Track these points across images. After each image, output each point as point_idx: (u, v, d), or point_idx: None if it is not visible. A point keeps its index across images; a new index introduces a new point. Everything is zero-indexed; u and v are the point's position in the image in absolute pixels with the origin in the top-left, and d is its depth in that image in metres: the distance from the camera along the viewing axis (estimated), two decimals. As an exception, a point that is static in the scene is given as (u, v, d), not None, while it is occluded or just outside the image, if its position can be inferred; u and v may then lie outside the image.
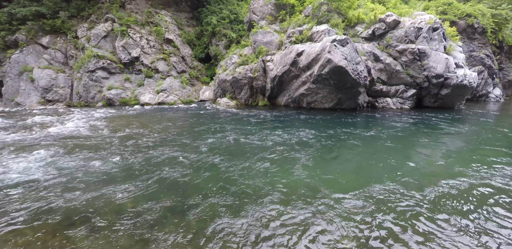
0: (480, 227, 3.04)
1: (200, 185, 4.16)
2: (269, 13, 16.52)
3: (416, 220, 3.16)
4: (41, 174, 4.63)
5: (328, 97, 12.28)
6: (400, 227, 3.03)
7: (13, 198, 3.77)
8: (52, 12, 16.44)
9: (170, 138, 7.12)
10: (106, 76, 16.02)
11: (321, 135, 7.30)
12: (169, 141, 6.85)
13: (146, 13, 18.32)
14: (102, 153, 5.78)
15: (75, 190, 4.02)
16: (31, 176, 4.54)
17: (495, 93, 19.78)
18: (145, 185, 4.18)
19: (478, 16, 18.01)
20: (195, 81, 18.97)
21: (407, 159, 5.36)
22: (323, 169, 4.80)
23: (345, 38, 11.24)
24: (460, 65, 12.87)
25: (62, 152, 5.85)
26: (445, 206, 3.48)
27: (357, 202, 3.57)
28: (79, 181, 4.32)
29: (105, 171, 4.77)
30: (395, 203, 3.55)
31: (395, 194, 3.80)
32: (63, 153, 5.78)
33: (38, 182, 4.28)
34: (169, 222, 3.15)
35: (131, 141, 6.85)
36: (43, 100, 15.09)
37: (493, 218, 3.20)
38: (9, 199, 3.74)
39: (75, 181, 4.34)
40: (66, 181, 4.32)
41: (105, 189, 4.02)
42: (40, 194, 3.88)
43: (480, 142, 6.80)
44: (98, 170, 4.80)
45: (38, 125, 9.15)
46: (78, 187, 4.10)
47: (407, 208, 3.43)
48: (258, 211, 3.36)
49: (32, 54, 15.91)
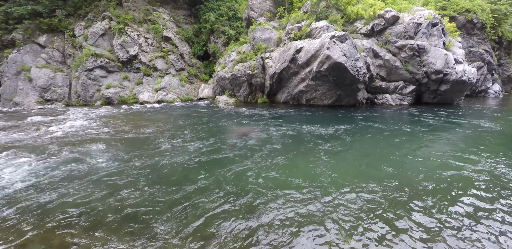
0: (494, 227, 3.05)
1: (203, 183, 4.16)
2: (267, 9, 16.41)
3: (418, 214, 3.18)
4: (41, 173, 4.62)
5: (327, 94, 12.25)
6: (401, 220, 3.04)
7: (11, 198, 3.76)
8: (48, 10, 16.31)
9: (170, 135, 7.10)
10: (104, 75, 15.94)
11: (322, 132, 7.30)
12: (169, 138, 6.84)
13: (144, 11, 18.18)
14: (102, 152, 5.77)
15: (75, 189, 4.02)
16: (30, 176, 4.54)
17: (494, 89, 19.78)
18: (147, 184, 4.17)
19: (478, 11, 17.93)
20: (193, 79, 18.90)
21: (411, 154, 5.37)
22: (330, 164, 4.81)
23: (344, 34, 11.18)
24: (459, 61, 12.83)
25: (60, 151, 5.84)
26: (451, 197, 3.50)
27: (360, 196, 3.58)
28: (79, 181, 4.32)
29: (106, 169, 4.77)
30: (397, 198, 3.57)
31: (393, 188, 3.82)
32: (61, 152, 5.77)
33: (38, 182, 4.28)
34: (170, 218, 3.16)
35: (130, 140, 6.83)
36: (41, 100, 15.03)
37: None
38: (8, 199, 3.74)
39: (75, 181, 4.34)
40: (66, 181, 4.32)
41: (105, 188, 4.02)
42: (38, 193, 3.88)
43: (481, 137, 6.81)
44: (100, 169, 4.79)
45: (37, 125, 9.13)
46: (77, 187, 4.10)
47: (408, 201, 3.45)
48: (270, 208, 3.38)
49: (30, 53, 15.81)
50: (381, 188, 3.85)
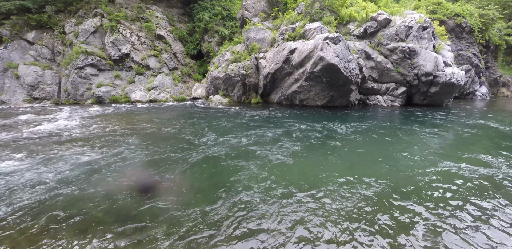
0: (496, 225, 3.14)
1: (194, 180, 4.14)
2: (261, 10, 16.43)
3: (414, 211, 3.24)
4: (28, 172, 4.50)
5: (320, 94, 12.36)
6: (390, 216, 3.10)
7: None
8: (37, 6, 15.87)
9: (162, 136, 7.03)
10: (95, 73, 15.64)
11: (315, 132, 7.36)
12: (160, 138, 6.77)
13: (136, 9, 17.93)
14: (91, 152, 5.67)
15: (63, 189, 3.93)
16: (16, 175, 4.42)
17: (481, 91, 20.35)
18: (132, 186, 4.12)
19: (466, 15, 18.42)
20: (187, 78, 18.75)
21: (402, 152, 5.47)
22: (319, 163, 4.85)
23: (337, 36, 11.31)
24: (448, 63, 13.15)
25: (48, 151, 5.70)
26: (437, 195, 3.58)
27: (352, 194, 3.63)
28: (67, 180, 4.23)
29: (94, 169, 4.68)
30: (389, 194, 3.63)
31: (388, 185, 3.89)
32: (48, 152, 5.63)
33: (23, 181, 4.17)
34: (163, 219, 3.13)
35: (120, 139, 6.73)
36: (29, 98, 14.63)
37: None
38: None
39: (64, 180, 4.25)
40: (53, 180, 4.22)
41: (93, 188, 3.96)
42: (25, 193, 3.78)
43: (468, 136, 6.99)
44: (87, 170, 4.70)
45: (24, 124, 8.88)
46: (65, 186, 4.02)
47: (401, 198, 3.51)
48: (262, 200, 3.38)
49: (17, 50, 15.36)
50: (374, 186, 3.91)
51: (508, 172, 4.55)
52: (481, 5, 21.07)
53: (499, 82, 22.77)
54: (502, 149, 5.90)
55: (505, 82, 23.06)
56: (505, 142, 6.48)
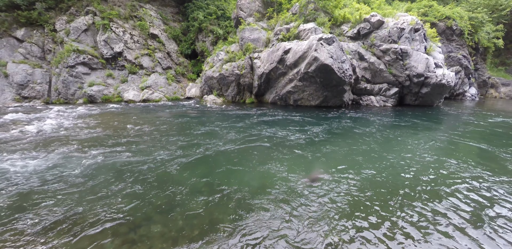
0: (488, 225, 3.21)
1: (185, 181, 4.12)
2: (256, 10, 16.44)
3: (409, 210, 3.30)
4: (15, 174, 4.40)
5: (314, 95, 12.45)
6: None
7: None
8: (27, 3, 15.49)
9: (152, 137, 6.97)
10: (87, 72, 15.38)
11: (308, 131, 7.41)
12: (151, 139, 6.71)
13: (130, 7, 17.71)
14: (79, 153, 5.58)
15: (51, 191, 3.86)
16: (4, 175, 4.32)
17: (471, 92, 20.83)
18: (128, 185, 4.08)
19: (456, 18, 18.84)
20: (181, 78, 18.62)
21: (397, 151, 5.56)
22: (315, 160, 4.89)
23: (331, 36, 11.41)
24: (439, 65, 13.42)
25: (36, 152, 5.59)
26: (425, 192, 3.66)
27: (348, 191, 3.67)
28: (55, 183, 4.16)
29: (84, 170, 4.61)
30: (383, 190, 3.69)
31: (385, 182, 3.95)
32: (37, 153, 5.52)
33: (11, 182, 4.07)
34: (154, 219, 3.11)
35: (112, 140, 6.64)
36: (18, 97, 14.28)
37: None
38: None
39: (52, 182, 4.17)
40: (41, 182, 4.14)
41: (81, 190, 3.90)
42: (12, 194, 3.70)
43: (459, 134, 7.16)
44: (77, 171, 4.63)
45: (12, 124, 8.67)
46: (54, 189, 3.95)
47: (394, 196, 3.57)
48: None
49: (6, 47, 14.98)
50: (367, 184, 3.97)
51: (500, 167, 4.68)
52: (470, 8, 21.57)
53: (488, 83, 23.36)
54: (494, 145, 6.06)
55: (493, 83, 23.66)
56: (497, 138, 6.66)
